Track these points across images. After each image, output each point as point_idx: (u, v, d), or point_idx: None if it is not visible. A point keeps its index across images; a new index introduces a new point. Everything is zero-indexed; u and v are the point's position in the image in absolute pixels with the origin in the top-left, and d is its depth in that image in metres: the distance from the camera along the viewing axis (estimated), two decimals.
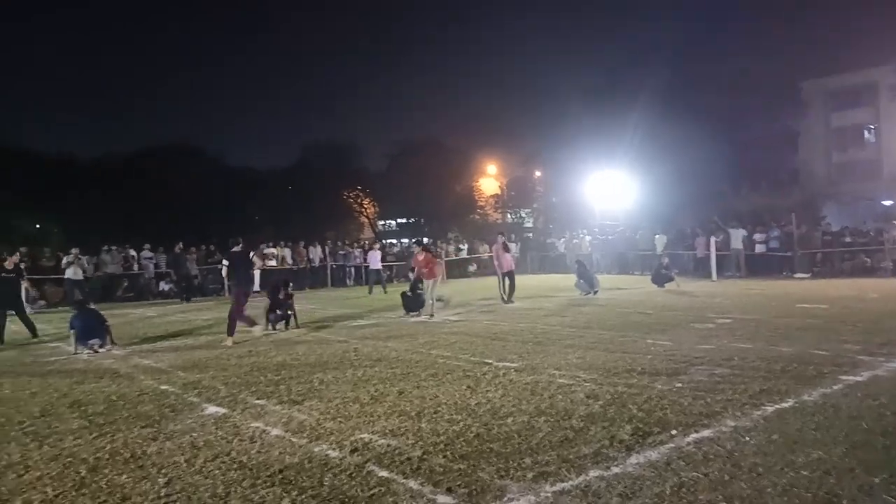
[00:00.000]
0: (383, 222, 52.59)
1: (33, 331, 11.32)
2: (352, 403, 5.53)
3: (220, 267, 11.68)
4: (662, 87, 31.09)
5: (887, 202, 34.44)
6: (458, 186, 45.26)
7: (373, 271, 21.55)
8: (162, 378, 7.15)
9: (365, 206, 47.30)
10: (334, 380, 6.58)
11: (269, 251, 24.38)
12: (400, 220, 52.82)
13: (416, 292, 12.84)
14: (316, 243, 26.21)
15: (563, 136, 36.17)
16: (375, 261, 21.58)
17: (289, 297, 11.45)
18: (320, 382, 6.48)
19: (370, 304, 16.02)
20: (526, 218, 50.58)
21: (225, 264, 11.35)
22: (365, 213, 47.80)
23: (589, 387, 5.72)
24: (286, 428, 4.88)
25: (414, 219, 48.62)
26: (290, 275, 19.99)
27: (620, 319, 10.65)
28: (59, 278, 19.59)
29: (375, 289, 20.51)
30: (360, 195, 46.54)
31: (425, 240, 29.73)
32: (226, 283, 19.75)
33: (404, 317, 12.50)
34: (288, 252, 24.70)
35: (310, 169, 42.51)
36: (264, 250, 24.25)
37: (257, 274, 23.69)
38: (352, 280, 26.01)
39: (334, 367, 7.28)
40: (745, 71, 31.06)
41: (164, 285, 22.33)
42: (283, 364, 7.68)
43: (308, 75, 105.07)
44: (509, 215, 49.98)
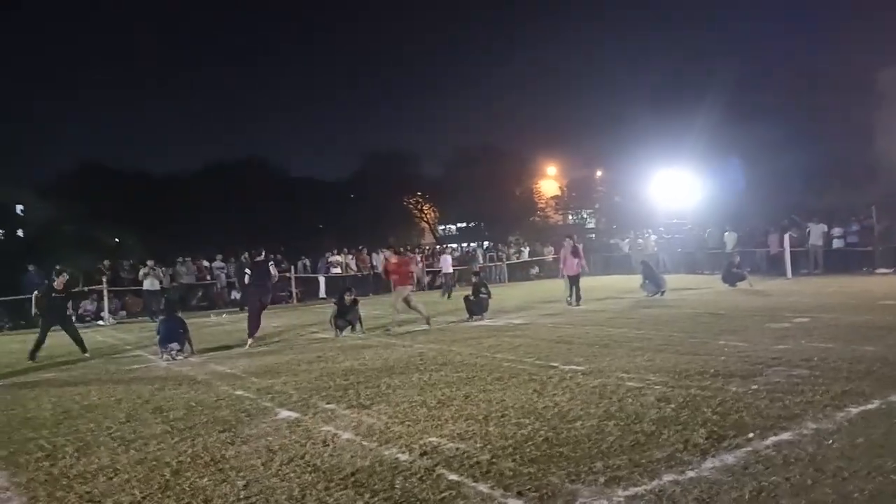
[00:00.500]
0: (443, 227, 52.80)
1: (82, 346, 11.23)
2: (419, 407, 5.58)
3: (243, 273, 12.12)
4: (729, 83, 30.23)
5: None
6: (518, 189, 45.04)
7: (446, 275, 21.71)
8: (237, 384, 7.40)
9: (425, 212, 47.63)
10: (401, 384, 6.66)
11: (333, 259, 24.95)
12: (460, 225, 52.91)
13: (479, 296, 12.91)
14: (379, 250, 26.60)
15: (625, 135, 35.68)
16: (447, 264, 21.74)
17: (354, 303, 11.71)
18: (387, 387, 6.57)
19: (433, 309, 16.07)
20: (588, 219, 49.90)
21: (247, 272, 11.67)
22: (425, 219, 48.14)
23: (659, 389, 5.59)
24: (356, 432, 4.96)
25: (474, 223, 48.65)
26: (355, 282, 20.39)
27: (690, 320, 10.37)
28: (138, 289, 20.70)
29: (436, 294, 20.66)
30: (420, 201, 46.92)
31: (391, 239, 29.73)
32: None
33: (468, 320, 12.54)
34: (352, 259, 25.18)
35: (371, 177, 43.15)
36: (329, 258, 24.86)
37: (322, 281, 24.49)
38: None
39: (400, 372, 7.37)
40: (815, 63, 29.93)
41: (235, 294, 23.13)
42: (350, 369, 7.83)
43: (367, 84, 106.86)
44: (570, 216, 49.42)
